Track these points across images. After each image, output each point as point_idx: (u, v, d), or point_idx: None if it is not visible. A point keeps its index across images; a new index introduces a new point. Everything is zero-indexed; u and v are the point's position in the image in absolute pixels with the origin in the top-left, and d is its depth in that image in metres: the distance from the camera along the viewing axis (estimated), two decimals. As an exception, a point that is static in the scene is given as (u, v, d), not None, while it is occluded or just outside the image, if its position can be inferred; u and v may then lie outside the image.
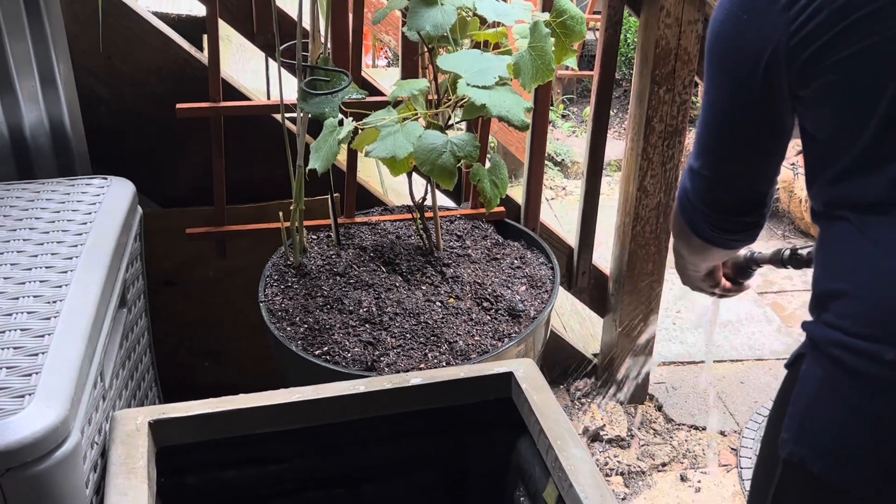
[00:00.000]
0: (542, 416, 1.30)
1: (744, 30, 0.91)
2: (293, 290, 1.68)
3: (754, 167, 1.03)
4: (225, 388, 2.18)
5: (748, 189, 1.05)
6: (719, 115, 0.99)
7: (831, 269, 0.92)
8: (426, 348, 1.52)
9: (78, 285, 1.32)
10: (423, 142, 1.37)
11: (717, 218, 1.07)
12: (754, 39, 0.90)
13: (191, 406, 1.31)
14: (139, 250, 1.70)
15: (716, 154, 1.02)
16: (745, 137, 0.99)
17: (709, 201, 1.06)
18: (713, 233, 1.09)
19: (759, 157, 1.02)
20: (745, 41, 0.91)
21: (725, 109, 0.98)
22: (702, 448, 2.21)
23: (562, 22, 1.44)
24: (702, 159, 1.03)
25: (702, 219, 1.08)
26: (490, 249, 1.82)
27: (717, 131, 1.00)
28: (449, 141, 1.39)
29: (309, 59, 1.58)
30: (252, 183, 2.01)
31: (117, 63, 1.88)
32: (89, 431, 1.20)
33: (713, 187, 1.04)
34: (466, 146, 1.40)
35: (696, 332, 2.74)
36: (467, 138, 1.41)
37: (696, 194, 1.06)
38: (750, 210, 1.07)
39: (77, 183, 1.65)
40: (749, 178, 1.04)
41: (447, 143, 1.38)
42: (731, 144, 1.00)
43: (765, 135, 0.98)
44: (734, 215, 1.07)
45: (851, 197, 0.89)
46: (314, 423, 1.34)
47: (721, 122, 0.99)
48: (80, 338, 1.21)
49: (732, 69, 0.94)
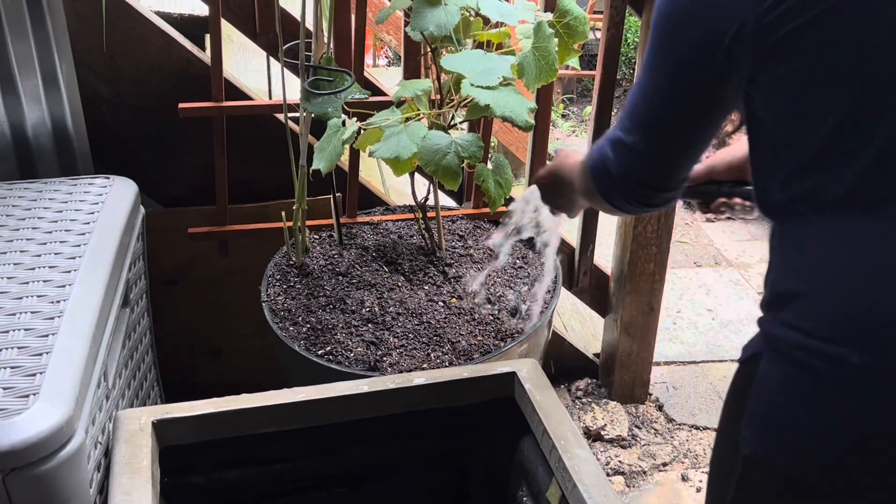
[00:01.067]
0: (546, 415, 1.30)
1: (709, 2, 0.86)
2: (296, 289, 1.68)
3: (693, 147, 0.99)
4: (226, 387, 2.18)
5: (680, 168, 1.02)
6: (668, 90, 0.94)
7: (790, 268, 0.90)
8: (429, 348, 1.52)
9: (81, 285, 1.32)
10: (428, 142, 1.37)
11: (639, 192, 1.04)
12: (721, 12, 0.85)
13: (194, 406, 1.31)
14: (141, 250, 1.70)
15: (656, 130, 0.98)
16: (693, 116, 0.95)
17: (637, 177, 1.02)
18: (628, 205, 1.06)
19: (700, 137, 0.98)
20: (710, 14, 0.86)
21: (676, 84, 0.93)
22: (703, 448, 2.21)
23: (565, 23, 1.44)
24: (638, 135, 0.98)
25: (621, 191, 1.05)
26: (492, 249, 1.82)
27: (664, 107, 0.95)
28: (453, 142, 1.39)
29: (312, 59, 1.58)
30: (254, 182, 2.01)
31: (120, 62, 1.88)
32: (93, 431, 1.20)
33: (646, 163, 1.00)
34: (471, 147, 1.40)
35: (698, 331, 2.74)
36: (471, 139, 1.41)
37: (622, 168, 1.02)
38: (674, 186, 1.04)
39: (79, 183, 1.65)
40: (684, 158, 1.01)
41: (451, 143, 1.38)
42: (676, 122, 0.96)
43: (712, 115, 0.95)
44: (658, 191, 1.04)
45: (811, 194, 0.87)
46: (317, 423, 1.34)
47: (670, 98, 0.94)
48: (84, 338, 1.21)
49: (691, 42, 0.89)
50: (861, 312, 0.83)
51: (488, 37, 1.56)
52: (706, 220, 3.56)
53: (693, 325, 2.78)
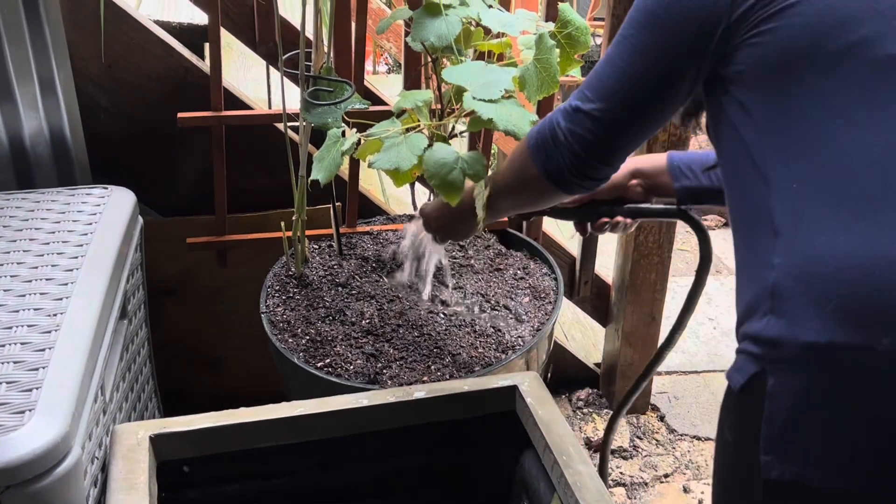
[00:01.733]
0: (547, 430, 1.29)
1: None
2: (295, 300, 1.66)
3: (649, 123, 1.04)
4: (225, 397, 2.18)
5: (630, 142, 1.06)
6: (643, 62, 0.99)
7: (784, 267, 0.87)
8: (429, 360, 1.51)
9: (79, 297, 1.31)
10: (434, 156, 1.36)
11: (585, 162, 1.06)
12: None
13: (192, 420, 1.30)
14: (140, 260, 1.69)
15: (620, 99, 1.02)
16: (660, 90, 1.00)
17: (586, 144, 1.05)
18: (569, 177, 1.09)
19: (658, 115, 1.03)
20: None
21: (652, 57, 0.98)
22: (704, 459, 2.20)
23: (567, 33, 1.43)
24: (600, 102, 1.02)
25: (566, 159, 1.07)
26: (493, 260, 1.81)
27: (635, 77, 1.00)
28: (459, 158, 1.37)
29: (312, 69, 1.57)
30: (253, 191, 2.00)
31: (118, 71, 1.87)
32: (90, 447, 1.18)
33: (603, 129, 1.03)
34: (475, 164, 1.38)
35: (699, 340, 2.73)
36: (476, 157, 1.39)
37: (571, 135, 1.05)
38: (616, 162, 1.08)
39: (77, 192, 1.64)
40: (638, 133, 1.05)
41: (458, 159, 1.37)
42: (643, 92, 1.01)
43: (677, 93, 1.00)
44: (602, 162, 1.07)
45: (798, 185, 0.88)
46: (317, 437, 1.33)
47: (643, 69, 0.99)
48: (81, 351, 1.20)
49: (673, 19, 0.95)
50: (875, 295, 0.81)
51: (489, 47, 1.55)
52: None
53: (694, 333, 2.77)
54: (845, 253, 0.82)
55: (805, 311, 0.84)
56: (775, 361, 0.86)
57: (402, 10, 1.53)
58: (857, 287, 0.81)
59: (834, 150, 0.85)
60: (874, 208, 0.83)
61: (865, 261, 0.81)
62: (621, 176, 1.28)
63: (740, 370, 0.91)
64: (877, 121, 0.84)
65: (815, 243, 0.84)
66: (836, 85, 0.86)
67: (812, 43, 0.87)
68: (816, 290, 0.83)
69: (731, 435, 0.96)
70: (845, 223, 0.83)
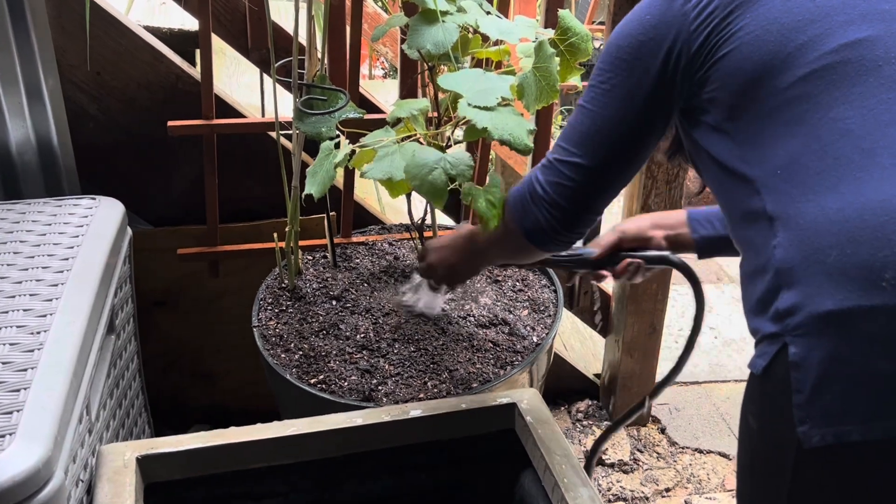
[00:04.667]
0: (548, 451, 1.26)
1: (649, 26, 1.01)
2: (288, 314, 1.63)
3: (629, 166, 1.10)
4: (217, 410, 2.16)
5: (612, 187, 1.11)
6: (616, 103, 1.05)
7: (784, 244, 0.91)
8: (425, 376, 1.48)
9: (64, 314, 1.28)
10: (415, 158, 1.33)
11: (566, 212, 1.10)
12: (659, 31, 1.00)
13: (181, 440, 1.26)
14: (128, 273, 1.66)
15: (599, 145, 1.07)
16: (637, 130, 1.06)
17: (570, 190, 1.09)
18: (547, 233, 1.13)
19: (638, 155, 1.10)
20: (651, 35, 1.01)
21: (625, 99, 1.04)
22: (706, 472, 2.17)
23: (567, 41, 1.40)
24: (579, 150, 1.08)
25: (544, 214, 1.11)
26: (491, 270, 1.78)
27: (609, 122, 1.06)
28: (443, 158, 1.34)
29: (305, 77, 1.54)
30: (246, 200, 1.97)
31: (107, 78, 1.84)
32: (74, 469, 1.15)
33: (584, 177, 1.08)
34: (460, 164, 1.35)
35: (700, 350, 2.70)
36: (462, 156, 1.36)
37: (551, 187, 1.10)
38: (597, 209, 1.13)
39: (64, 203, 1.61)
40: (620, 176, 1.11)
41: (440, 159, 1.34)
42: (620, 136, 1.06)
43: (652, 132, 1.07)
44: (587, 210, 1.12)
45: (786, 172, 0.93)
46: (310, 457, 1.30)
47: (618, 113, 1.05)
48: (66, 371, 1.17)
49: (638, 61, 1.02)
50: (871, 237, 0.84)
51: (487, 55, 1.52)
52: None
53: (696, 343, 2.73)
54: (835, 208, 0.87)
55: (811, 271, 0.87)
56: (794, 329, 0.88)
57: (398, 16, 1.50)
58: (853, 234, 0.85)
59: (807, 132, 0.91)
60: (855, 166, 0.88)
61: (855, 211, 0.86)
62: (644, 224, 1.35)
63: (761, 355, 0.93)
64: (843, 100, 0.90)
65: (807, 211, 0.89)
66: (798, 80, 0.93)
67: (768, 52, 0.95)
68: (816, 249, 0.87)
69: (756, 421, 0.97)
70: (830, 186, 0.88)
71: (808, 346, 0.87)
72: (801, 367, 0.88)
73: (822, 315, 0.86)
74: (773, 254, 0.92)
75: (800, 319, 0.88)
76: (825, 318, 0.86)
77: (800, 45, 0.94)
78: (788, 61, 0.94)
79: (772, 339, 0.91)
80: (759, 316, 0.94)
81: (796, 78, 0.93)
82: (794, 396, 0.88)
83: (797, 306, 0.88)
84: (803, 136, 0.92)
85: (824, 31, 0.93)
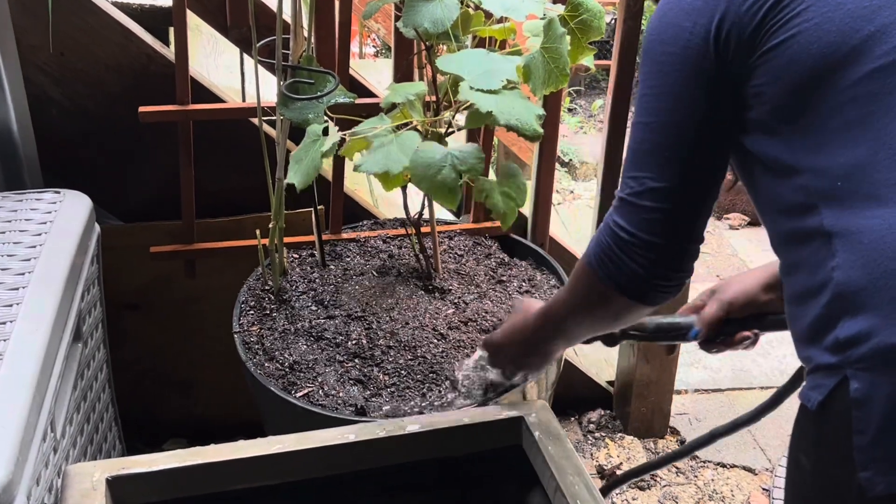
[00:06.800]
0: (559, 470, 1.24)
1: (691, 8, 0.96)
2: (272, 318, 1.62)
3: (712, 175, 1.02)
4: (195, 422, 2.16)
5: (702, 201, 1.03)
6: (676, 108, 0.99)
7: (845, 265, 0.88)
8: (424, 387, 1.47)
9: (25, 321, 1.27)
10: (420, 156, 1.32)
11: (663, 249, 1.02)
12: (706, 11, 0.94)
13: (155, 460, 1.25)
14: (97, 273, 1.65)
15: (668, 153, 1.00)
16: (707, 133, 0.99)
17: (658, 222, 1.01)
18: (649, 280, 1.04)
19: (716, 160, 1.02)
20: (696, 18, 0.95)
21: (684, 98, 0.98)
22: (730, 489, 2.16)
23: (579, 18, 1.38)
24: (650, 170, 1.00)
25: (641, 256, 1.02)
26: (495, 270, 1.77)
27: (676, 128, 0.99)
28: (449, 154, 1.33)
29: (290, 58, 1.52)
30: (225, 193, 1.96)
31: (72, 59, 1.83)
32: (37, 493, 1.14)
33: (668, 195, 1.00)
34: (469, 159, 1.35)
35: (722, 356, 2.69)
36: (470, 150, 1.35)
37: (636, 223, 1.02)
38: (697, 234, 1.04)
39: (26, 198, 1.59)
40: (706, 188, 1.03)
41: (447, 156, 1.32)
42: (690, 145, 1.00)
43: (724, 133, 0.99)
44: (685, 239, 1.03)
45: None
46: (297, 477, 1.28)
47: (680, 116, 0.99)
48: (27, 386, 1.16)
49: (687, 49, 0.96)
50: None
51: (490, 33, 1.50)
52: (732, 233, 3.51)
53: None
54: None
55: (880, 298, 0.85)
56: (857, 361, 0.86)
57: (392, -9, 1.48)
58: None
59: (874, 137, 0.88)
60: None
61: None
62: (753, 290, 1.25)
63: (817, 387, 0.91)
64: None
65: (873, 228, 0.86)
66: (863, 77, 0.89)
67: (829, 43, 0.90)
68: (885, 272, 0.85)
69: (809, 460, 0.95)
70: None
71: (874, 381, 0.85)
72: (865, 406, 0.85)
73: (892, 348, 0.84)
74: (832, 276, 0.89)
75: (864, 351, 0.86)
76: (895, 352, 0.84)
77: (866, 36, 0.89)
78: (853, 55, 0.90)
79: (829, 370, 0.89)
80: (812, 344, 0.92)
81: (861, 74, 0.89)
82: (855, 437, 0.86)
83: (862, 336, 0.86)
84: (869, 143, 0.88)
85: (892, 20, 0.89)
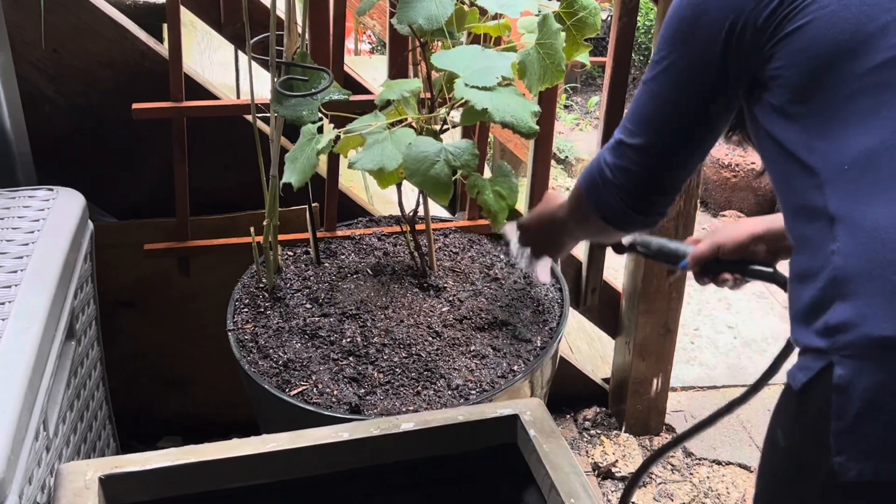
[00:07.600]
0: (553, 468, 1.24)
1: None
2: (266, 316, 1.61)
3: (700, 147, 1.11)
4: (190, 419, 2.15)
5: (683, 168, 1.13)
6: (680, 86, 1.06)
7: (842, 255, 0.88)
8: (419, 385, 1.47)
9: (17, 319, 1.27)
10: (413, 150, 1.32)
11: (637, 196, 1.13)
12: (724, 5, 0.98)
13: (148, 458, 1.24)
14: (90, 271, 1.64)
15: (666, 127, 1.09)
16: (701, 113, 1.07)
17: (638, 178, 1.12)
18: (624, 216, 1.16)
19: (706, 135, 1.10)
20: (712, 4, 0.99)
21: (688, 79, 1.05)
22: (725, 486, 2.17)
23: (573, 14, 1.38)
24: (645, 135, 1.09)
25: (616, 198, 1.14)
26: (490, 268, 1.76)
27: (675, 104, 1.07)
28: (443, 149, 1.33)
29: (284, 55, 1.52)
30: (219, 191, 1.96)
31: (65, 56, 1.82)
32: (30, 492, 1.14)
33: (653, 159, 1.10)
34: (463, 154, 1.35)
35: (718, 351, 2.70)
36: (464, 145, 1.35)
37: (620, 170, 1.12)
38: (674, 190, 1.14)
39: (18, 196, 1.59)
40: (690, 157, 1.12)
41: (441, 150, 1.33)
42: (686, 117, 1.07)
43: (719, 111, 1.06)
44: (659, 193, 1.14)
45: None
46: (291, 476, 1.28)
47: (679, 93, 1.06)
48: (19, 385, 1.15)
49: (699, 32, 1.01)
50: None
51: (485, 29, 1.50)
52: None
53: (713, 344, 2.73)
54: None
55: (872, 287, 0.85)
56: (843, 348, 0.87)
57: (387, -13, 1.48)
58: None
59: (884, 126, 0.89)
60: None
61: None
62: (743, 238, 1.33)
63: (803, 368, 0.92)
64: None
65: (875, 216, 0.86)
66: (877, 66, 0.90)
67: (844, 30, 0.92)
68: (881, 263, 0.85)
69: (785, 439, 0.96)
70: None
71: (857, 369, 0.86)
72: (846, 392, 0.86)
73: (877, 339, 0.84)
74: (830, 259, 0.89)
75: (851, 339, 0.86)
76: (880, 343, 0.84)
77: (883, 24, 0.90)
78: (868, 43, 0.91)
79: (816, 354, 0.90)
80: (804, 325, 0.93)
81: (875, 63, 0.90)
82: (833, 423, 0.87)
83: (850, 323, 0.86)
84: (879, 131, 0.89)
85: None
